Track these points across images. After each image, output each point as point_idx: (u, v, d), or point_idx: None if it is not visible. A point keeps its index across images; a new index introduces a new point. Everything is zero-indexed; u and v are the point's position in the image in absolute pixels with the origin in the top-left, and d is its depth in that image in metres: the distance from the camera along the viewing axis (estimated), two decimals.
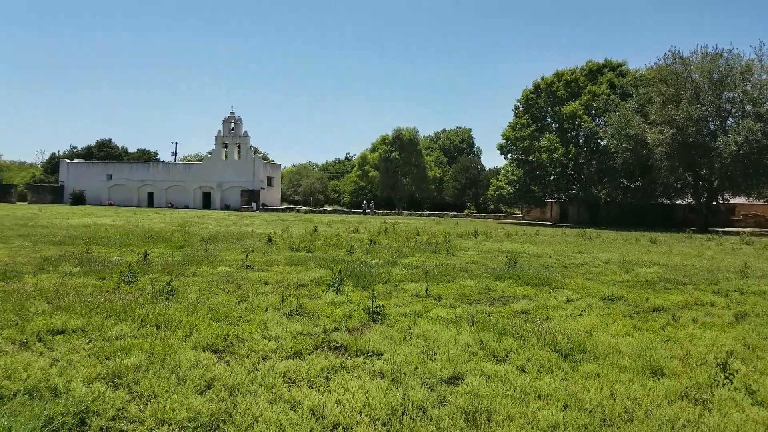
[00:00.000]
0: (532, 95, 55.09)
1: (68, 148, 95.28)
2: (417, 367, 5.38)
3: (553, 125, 54.32)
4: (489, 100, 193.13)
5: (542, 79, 54.86)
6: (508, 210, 76.26)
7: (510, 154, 56.61)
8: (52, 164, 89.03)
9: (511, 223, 49.95)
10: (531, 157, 52.52)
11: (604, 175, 49.67)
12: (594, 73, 53.48)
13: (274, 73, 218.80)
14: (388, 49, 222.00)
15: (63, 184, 75.46)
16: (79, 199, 70.63)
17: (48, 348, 5.67)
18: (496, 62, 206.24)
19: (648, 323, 7.76)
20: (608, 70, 53.12)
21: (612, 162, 46.86)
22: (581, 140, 52.74)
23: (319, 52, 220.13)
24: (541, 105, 54.58)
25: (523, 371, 5.43)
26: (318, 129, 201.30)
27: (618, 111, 45.02)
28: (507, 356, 5.91)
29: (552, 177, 53.09)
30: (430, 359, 5.71)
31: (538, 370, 5.45)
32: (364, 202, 71.67)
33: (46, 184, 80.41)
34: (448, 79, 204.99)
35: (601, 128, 48.76)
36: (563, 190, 53.31)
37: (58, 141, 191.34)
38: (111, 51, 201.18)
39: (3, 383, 4.54)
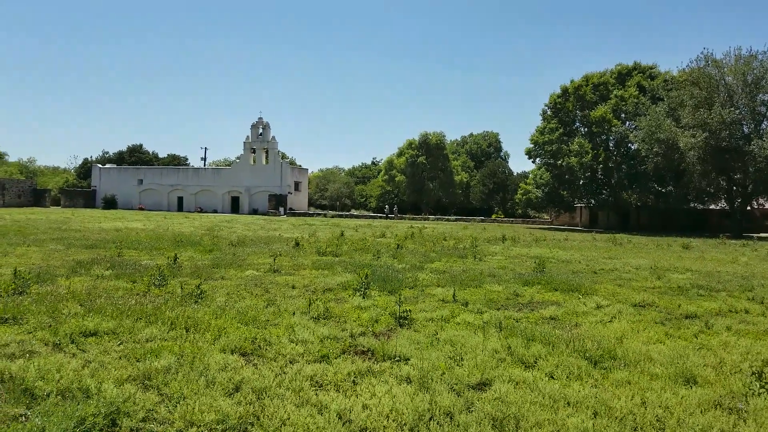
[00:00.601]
0: (560, 99, 54.45)
1: (100, 154, 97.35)
2: (444, 373, 5.35)
3: (582, 129, 53.57)
4: (517, 104, 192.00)
5: (571, 82, 54.18)
6: (537, 215, 75.40)
7: (538, 159, 55.88)
8: (85, 169, 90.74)
9: (540, 228, 49.45)
10: (560, 162, 51.72)
11: (634, 180, 48.75)
12: (623, 76, 52.68)
13: (302, 78, 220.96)
14: (413, 54, 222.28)
15: (95, 188, 76.95)
16: (110, 204, 71.86)
17: (80, 349, 5.79)
18: (523, 66, 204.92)
19: (680, 330, 7.60)
20: (637, 73, 52.25)
21: (643, 166, 45.98)
22: (611, 144, 51.90)
23: (345, 56, 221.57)
24: (570, 109, 53.89)
25: (552, 378, 5.36)
26: (345, 134, 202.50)
27: (648, 115, 44.25)
28: (535, 362, 5.84)
29: (581, 181, 52.28)
30: (458, 365, 5.67)
31: (568, 377, 5.38)
32: (387, 206, 71.54)
33: (79, 188, 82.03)
34: (475, 83, 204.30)
35: (632, 132, 47.96)
36: (593, 195, 52.49)
37: (91, 146, 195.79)
38: (140, 57, 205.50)
39: (37, 384, 4.64)
